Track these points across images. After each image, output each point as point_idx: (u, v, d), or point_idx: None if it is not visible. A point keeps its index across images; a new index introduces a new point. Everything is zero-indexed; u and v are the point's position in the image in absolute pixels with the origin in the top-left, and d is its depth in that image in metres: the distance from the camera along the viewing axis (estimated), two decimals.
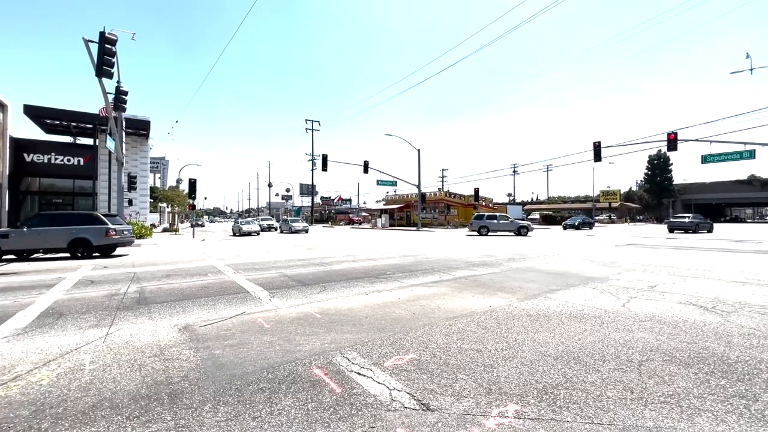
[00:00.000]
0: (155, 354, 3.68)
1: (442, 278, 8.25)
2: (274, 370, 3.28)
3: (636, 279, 7.92)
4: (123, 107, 17.65)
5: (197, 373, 3.21)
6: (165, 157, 64.78)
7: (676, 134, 22.71)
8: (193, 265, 10.73)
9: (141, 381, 3.06)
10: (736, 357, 3.52)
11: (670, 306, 5.52)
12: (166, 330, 4.49)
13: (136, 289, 7.14)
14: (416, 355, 3.62)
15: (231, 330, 4.48)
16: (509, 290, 6.84)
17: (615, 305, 5.60)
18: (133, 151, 26.16)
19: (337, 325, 4.66)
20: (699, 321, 4.73)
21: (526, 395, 2.80)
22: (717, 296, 6.17)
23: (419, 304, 5.78)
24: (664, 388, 2.89)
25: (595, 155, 25.23)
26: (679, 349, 3.75)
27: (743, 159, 23.46)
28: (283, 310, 5.44)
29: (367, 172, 35.75)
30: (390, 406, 2.64)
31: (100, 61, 14.17)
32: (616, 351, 3.70)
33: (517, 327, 4.55)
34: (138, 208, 26.30)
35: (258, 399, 2.76)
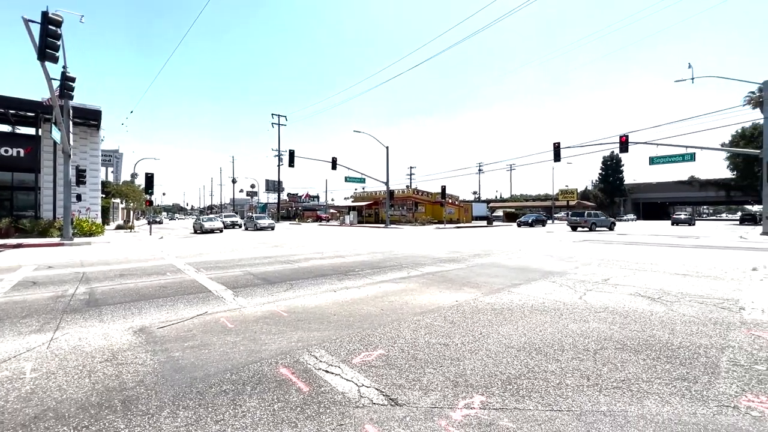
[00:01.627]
0: (107, 359, 3.45)
1: (410, 274, 8.33)
2: (238, 371, 3.17)
3: (591, 273, 8.39)
4: (70, 95, 16.33)
5: (154, 377, 3.04)
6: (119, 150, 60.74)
7: (627, 137, 24.24)
8: (151, 264, 10.16)
9: (91, 388, 2.86)
10: (679, 343, 3.81)
11: (621, 297, 5.89)
12: (120, 333, 4.22)
13: (85, 290, 6.65)
14: (384, 351, 3.63)
15: (192, 331, 4.28)
16: (475, 285, 7.02)
17: (573, 298, 5.89)
18: (83, 142, 24.28)
19: (305, 323, 4.58)
20: (647, 311, 5.08)
21: (491, 386, 2.88)
22: (662, 287, 6.65)
23: (388, 300, 5.80)
24: (617, 374, 3.07)
25: (555, 155, 26.44)
26: (629, 337, 4.00)
27: (685, 161, 25.46)
28: (248, 309, 5.27)
29: (335, 169, 35.41)
30: (358, 403, 2.63)
31: (43, 43, 13.02)
32: (574, 341, 3.89)
33: (483, 320, 4.67)
34: (88, 204, 24.48)
35: (221, 401, 2.65)
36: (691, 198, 77.40)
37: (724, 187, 62.93)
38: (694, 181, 71.62)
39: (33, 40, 13.40)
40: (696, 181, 71.42)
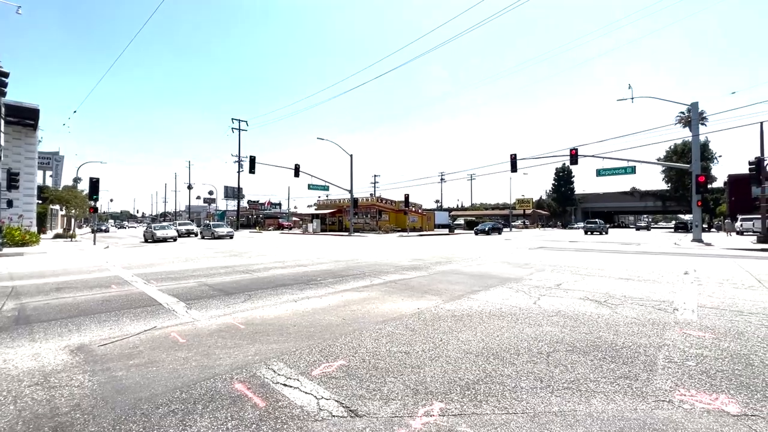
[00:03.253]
0: (37, 382, 3.12)
1: (372, 283, 8.32)
2: (188, 388, 2.99)
3: (545, 278, 8.81)
4: (2, 91, 14.91)
5: (92, 400, 2.79)
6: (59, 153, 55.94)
7: (577, 150, 25.94)
8: (93, 276, 9.40)
9: (16, 416, 2.57)
10: (622, 343, 4.08)
11: (572, 302, 6.22)
12: (54, 353, 3.85)
13: (13, 306, 6.02)
14: (345, 362, 3.58)
15: (138, 348, 3.99)
16: (436, 292, 7.13)
17: (528, 303, 6.15)
18: (17, 143, 22.18)
19: (263, 336, 4.42)
20: (594, 314, 5.40)
21: (450, 393, 2.92)
22: (608, 291, 7.12)
23: (350, 310, 5.74)
24: (567, 375, 3.23)
25: (512, 166, 27.71)
26: (579, 339, 4.23)
27: (627, 174, 27.62)
28: (202, 323, 5.01)
29: (298, 176, 34.84)
30: (317, 416, 2.57)
31: None
32: (529, 345, 4.05)
33: (443, 327, 4.75)
34: (21, 211, 22.30)
35: (168, 423, 2.48)
36: (633, 207, 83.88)
37: (661, 198, 68.78)
38: (635, 192, 77.71)
39: None
40: (637, 192, 77.53)
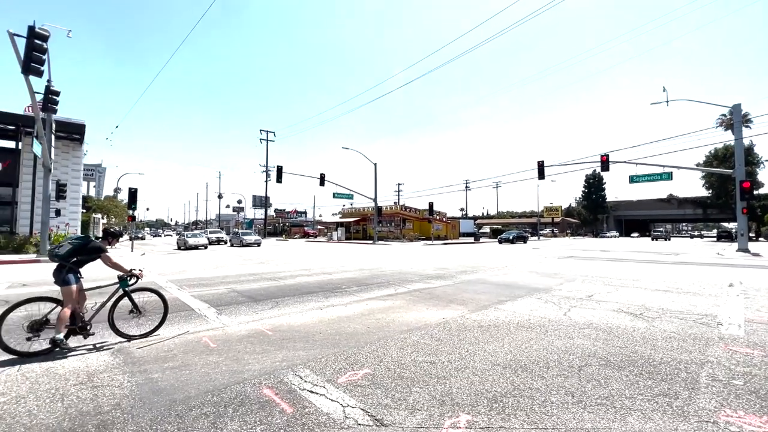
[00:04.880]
0: (82, 381, 3.31)
1: (397, 291, 8.30)
2: (219, 392, 3.09)
3: (576, 289, 8.50)
4: (53, 108, 16.08)
5: (131, 401, 2.93)
6: (102, 165, 59.58)
7: (608, 156, 25.05)
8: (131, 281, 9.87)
9: (63, 413, 2.74)
10: (660, 359, 3.88)
11: (605, 314, 5.97)
12: (96, 353, 4.08)
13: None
14: (371, 370, 3.59)
15: (172, 351, 4.16)
16: (461, 302, 7.03)
17: (558, 314, 5.96)
18: (65, 156, 23.78)
19: (290, 342, 4.50)
20: (629, 327, 5.16)
21: (477, 405, 2.87)
22: (644, 303, 6.78)
23: (374, 318, 5.76)
24: (601, 391, 3.10)
25: (539, 173, 27.06)
26: (613, 353, 4.05)
27: (663, 180, 26.37)
28: (232, 328, 5.16)
29: (323, 185, 35.44)
30: (343, 424, 2.58)
31: (27, 57, 12.88)
32: (559, 357, 3.92)
33: (469, 338, 4.67)
34: (67, 219, 23.79)
35: (201, 425, 2.57)
36: (671, 215, 79.78)
37: (701, 205, 65.13)
38: (673, 199, 74.00)
39: (18, 54, 13.27)
40: (674, 199, 73.80)
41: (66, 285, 4.21)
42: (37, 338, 4.02)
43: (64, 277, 4.23)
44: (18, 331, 4.21)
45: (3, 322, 3.94)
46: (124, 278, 4.72)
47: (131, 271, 4.71)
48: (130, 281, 4.75)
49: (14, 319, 4.16)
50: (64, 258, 4.26)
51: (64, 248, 4.30)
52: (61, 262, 4.26)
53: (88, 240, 4.46)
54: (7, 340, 3.93)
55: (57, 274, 4.27)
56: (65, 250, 4.29)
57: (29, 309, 4.12)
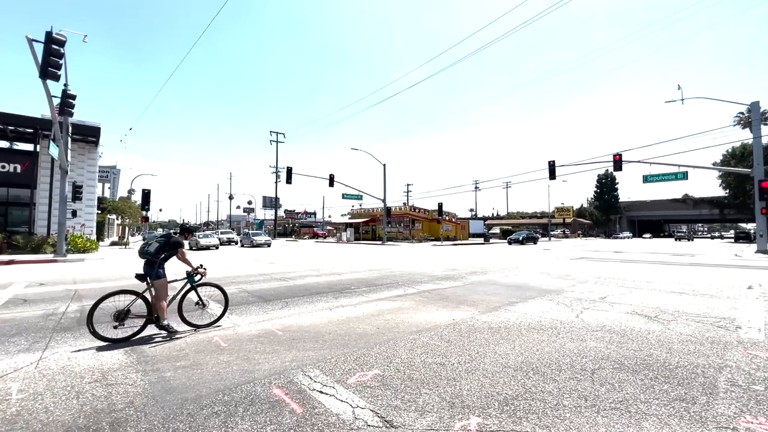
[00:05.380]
0: (96, 379, 3.37)
1: (406, 292, 8.28)
2: (230, 391, 3.11)
3: (588, 291, 8.37)
4: (70, 112, 16.47)
5: (144, 399, 2.97)
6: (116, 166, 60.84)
7: (620, 156, 24.63)
8: None
9: (78, 410, 2.79)
10: (677, 363, 3.78)
11: (618, 316, 5.86)
12: (111, 352, 4.14)
13: (77, 308, 6.55)
14: (380, 371, 3.58)
15: (184, 350, 4.21)
16: (471, 303, 6.98)
17: (570, 316, 5.87)
18: (80, 159, 24.32)
19: (300, 342, 4.52)
20: (644, 329, 5.05)
21: (488, 407, 2.84)
22: (659, 306, 6.64)
23: (384, 319, 5.75)
24: (615, 395, 3.04)
25: (550, 173, 26.75)
26: (627, 356, 3.97)
27: (678, 179, 25.83)
28: (242, 328, 5.20)
29: (332, 186, 35.57)
30: (353, 425, 2.58)
31: (45, 62, 13.21)
32: (571, 360, 3.86)
33: (479, 339, 4.63)
34: (83, 220, 24.32)
35: (212, 424, 2.59)
36: (686, 216, 78.11)
37: (718, 205, 63.57)
38: (688, 199, 72.43)
39: (36, 58, 13.61)
40: (690, 199, 72.23)
41: (159, 279, 4.72)
42: (122, 327, 4.50)
43: (157, 272, 4.71)
44: (106, 320, 4.56)
45: (94, 314, 4.38)
46: (192, 274, 5.10)
47: (198, 268, 5.09)
48: (196, 277, 5.15)
49: (104, 309, 4.50)
50: (155, 255, 4.72)
51: (153, 246, 4.75)
52: (151, 259, 4.71)
53: (170, 237, 4.90)
54: (98, 328, 4.37)
55: (149, 270, 4.72)
56: (154, 248, 4.74)
57: (115, 301, 4.59)
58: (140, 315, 4.66)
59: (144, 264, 4.77)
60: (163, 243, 4.81)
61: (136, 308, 4.63)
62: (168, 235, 4.91)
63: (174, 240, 4.88)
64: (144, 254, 4.75)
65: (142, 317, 4.67)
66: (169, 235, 4.91)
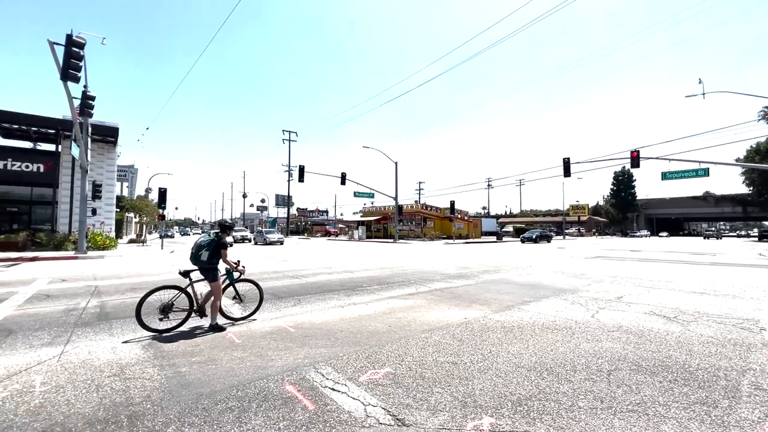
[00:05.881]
0: (115, 373, 3.46)
1: (418, 290, 8.26)
2: (244, 387, 3.15)
3: (604, 290, 8.20)
4: (89, 113, 16.92)
5: (161, 393, 3.04)
6: (134, 166, 62.33)
7: (638, 152, 24.04)
8: (161, 278, 10.26)
9: (98, 403, 2.86)
10: (697, 365, 3.68)
11: (635, 316, 5.73)
12: (129, 347, 4.24)
13: (96, 303, 6.74)
14: (392, 369, 3.58)
15: (199, 346, 4.29)
16: (484, 302, 6.92)
17: (585, 316, 5.76)
18: (100, 158, 24.97)
19: (312, 340, 4.55)
20: (662, 330, 4.93)
21: (501, 407, 2.81)
22: (678, 306, 6.47)
23: (395, 317, 5.74)
24: (632, 397, 2.97)
25: (565, 170, 26.27)
26: (644, 358, 3.88)
27: (699, 176, 25.05)
28: (256, 325, 5.27)
29: (344, 184, 35.69)
30: (365, 423, 2.58)
31: (65, 64, 13.59)
32: (587, 361, 3.79)
33: (492, 339, 4.59)
34: (103, 218, 24.99)
35: (226, 419, 2.63)
36: (707, 214, 75.82)
37: (741, 203, 61.55)
38: (710, 197, 70.32)
39: (57, 61, 14.00)
40: (711, 197, 70.12)
41: (215, 281, 5.00)
42: (167, 319, 4.78)
43: (213, 275, 5.01)
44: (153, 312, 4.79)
45: (142, 307, 4.66)
46: (230, 271, 5.33)
47: (237, 266, 5.29)
48: (235, 274, 5.40)
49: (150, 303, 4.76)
50: (209, 263, 4.98)
51: (204, 255, 4.96)
52: (207, 267, 4.98)
53: (214, 241, 5.05)
54: (146, 320, 4.66)
55: (206, 274, 5.00)
56: (206, 256, 4.96)
57: (160, 295, 4.89)
58: (183, 309, 4.94)
59: (200, 270, 5.01)
60: (212, 249, 4.99)
61: (179, 302, 4.91)
62: (213, 240, 5.02)
63: (221, 242, 5.04)
64: (197, 262, 4.99)
65: (185, 311, 4.96)
66: (214, 240, 5.02)
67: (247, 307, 5.72)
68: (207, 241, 5.06)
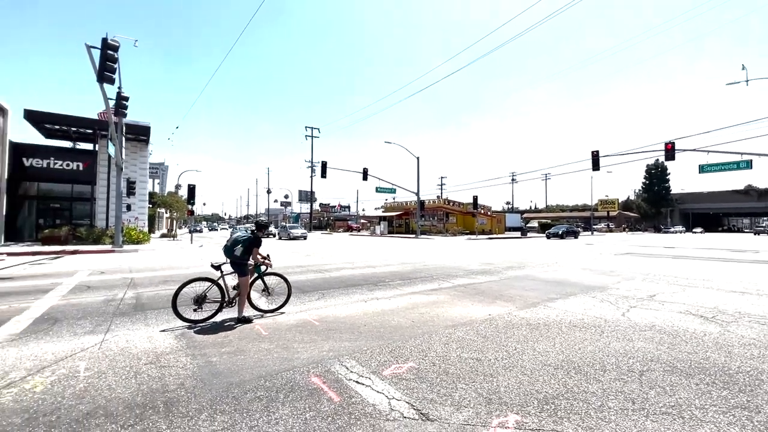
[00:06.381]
0: (151, 361, 3.64)
1: (441, 286, 8.22)
2: (271, 377, 3.25)
3: (635, 288, 7.90)
4: (124, 113, 17.69)
5: (194, 381, 3.17)
6: (164, 163, 64.93)
7: (673, 144, 22.88)
8: (191, 271, 10.66)
9: (136, 389, 3.02)
10: (737, 368, 3.50)
11: (670, 315, 5.50)
12: (163, 336, 4.45)
13: (132, 295, 7.08)
14: (415, 364, 3.59)
15: (228, 337, 4.44)
16: (508, 298, 6.81)
17: (615, 314, 5.58)
18: (133, 156, 26.11)
19: (336, 333, 4.63)
20: (699, 331, 4.71)
21: (527, 405, 2.77)
22: (716, 306, 6.15)
23: (418, 312, 5.75)
24: (666, 399, 2.86)
25: (594, 164, 25.36)
26: (679, 359, 3.72)
27: (740, 169, 23.60)
28: (281, 318, 5.40)
29: (366, 180, 35.82)
30: (389, 416, 2.61)
31: (101, 66, 14.24)
32: (617, 361, 3.67)
33: (517, 336, 4.52)
34: (136, 214, 26.17)
35: (255, 407, 2.72)
36: (749, 209, 71.41)
37: None
38: (752, 191, 66.18)
39: (93, 63, 14.69)
40: (754, 191, 65.96)
41: (243, 276, 5.21)
42: (200, 310, 5.01)
43: (243, 270, 5.21)
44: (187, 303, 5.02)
45: (177, 298, 4.93)
46: (259, 265, 5.50)
47: (265, 260, 5.51)
48: (263, 267, 5.63)
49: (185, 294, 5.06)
50: (242, 258, 5.19)
51: (238, 250, 5.16)
52: (239, 262, 5.19)
53: (250, 238, 5.27)
54: (180, 310, 4.91)
55: (237, 268, 5.22)
56: (240, 251, 5.16)
57: (194, 287, 5.11)
58: (215, 300, 5.14)
59: (231, 263, 5.23)
60: (247, 245, 5.19)
61: (212, 294, 5.13)
62: (249, 237, 5.26)
63: (256, 239, 5.26)
64: (230, 256, 5.19)
65: (217, 302, 5.15)
66: (249, 237, 5.25)
67: (276, 300, 5.88)
68: (243, 237, 5.26)
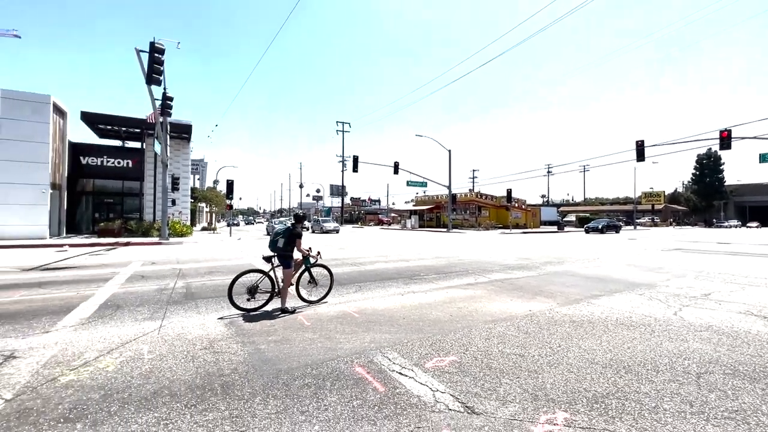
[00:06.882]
0: (205, 347, 3.88)
1: (477, 281, 8.13)
2: (317, 366, 3.37)
3: (687, 286, 7.46)
4: (169, 112, 18.67)
5: (246, 367, 3.36)
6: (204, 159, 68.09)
7: (729, 131, 21.16)
8: (233, 263, 11.17)
9: (195, 372, 3.24)
10: None
11: (728, 316, 5.16)
12: (214, 324, 4.72)
13: (182, 284, 7.53)
14: (457, 358, 3.60)
15: (274, 326, 4.64)
16: (548, 294, 6.64)
17: (666, 313, 5.30)
18: (176, 153, 27.55)
19: (375, 325, 4.71)
20: (763, 333, 4.39)
21: (575, 403, 2.72)
22: None
23: (456, 306, 5.73)
24: (728, 403, 2.71)
25: (638, 154, 23.93)
26: (741, 362, 3.50)
27: None
28: (322, 309, 5.56)
29: (397, 173, 35.77)
30: (434, 408, 2.65)
31: (150, 69, 15.08)
32: (671, 361, 3.51)
33: (561, 333, 4.41)
34: (180, 208, 27.67)
35: (305, 394, 2.84)
36: None
37: None
38: None
39: (142, 67, 15.57)
40: None
41: (287, 268, 5.46)
42: (253, 299, 5.30)
43: (287, 263, 5.45)
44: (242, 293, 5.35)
45: (233, 288, 5.25)
46: (307, 257, 5.77)
47: (309, 252, 5.77)
48: (311, 260, 5.86)
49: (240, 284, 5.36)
50: (285, 250, 5.42)
51: (281, 242, 5.40)
52: (283, 254, 5.42)
53: (289, 229, 5.50)
54: (235, 299, 5.19)
55: (282, 261, 5.46)
56: (282, 243, 5.40)
57: (249, 277, 5.43)
58: (266, 291, 5.41)
59: (277, 256, 5.46)
60: (287, 237, 5.41)
61: (263, 285, 5.40)
62: (289, 229, 5.47)
63: (297, 232, 5.47)
64: (275, 249, 5.43)
65: (268, 293, 5.42)
66: (290, 229, 5.47)
67: (319, 291, 6.06)
68: (282, 229, 5.49)
